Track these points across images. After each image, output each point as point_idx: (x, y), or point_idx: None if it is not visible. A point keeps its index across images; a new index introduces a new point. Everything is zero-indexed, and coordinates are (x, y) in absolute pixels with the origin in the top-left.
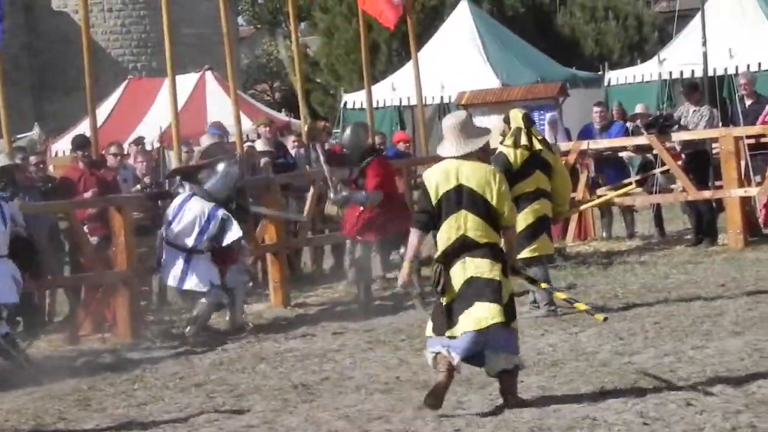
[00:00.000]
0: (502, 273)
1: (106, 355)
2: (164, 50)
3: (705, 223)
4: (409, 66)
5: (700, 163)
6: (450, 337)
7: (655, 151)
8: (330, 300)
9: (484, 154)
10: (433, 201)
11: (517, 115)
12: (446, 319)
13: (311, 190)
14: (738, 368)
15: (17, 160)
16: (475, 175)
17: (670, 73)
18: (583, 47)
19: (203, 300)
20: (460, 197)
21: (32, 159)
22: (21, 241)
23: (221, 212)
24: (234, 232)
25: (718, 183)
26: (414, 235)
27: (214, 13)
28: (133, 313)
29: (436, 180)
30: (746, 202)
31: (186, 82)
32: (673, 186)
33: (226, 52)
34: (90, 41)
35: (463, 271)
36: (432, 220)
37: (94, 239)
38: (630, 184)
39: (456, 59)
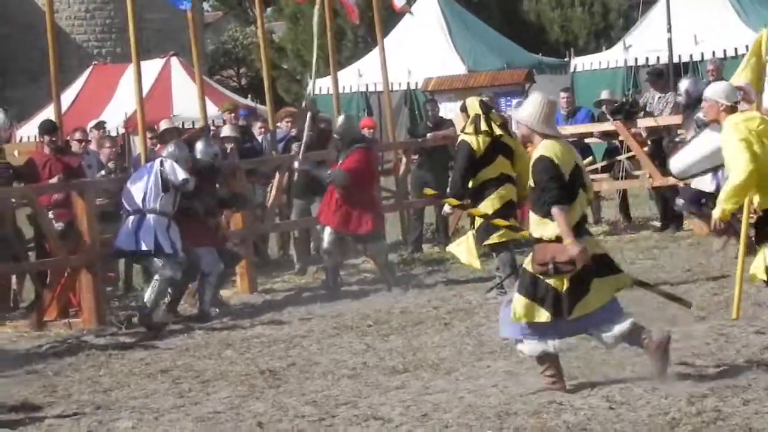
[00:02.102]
0: None
1: (72, 340)
2: (129, 36)
3: (671, 209)
4: (375, 52)
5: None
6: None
7: (620, 138)
8: (297, 285)
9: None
10: (566, 177)
11: (473, 103)
12: (577, 296)
13: (277, 176)
14: (703, 353)
15: None
16: (577, 154)
17: (636, 59)
18: (549, 33)
19: (156, 278)
20: (580, 175)
21: None
22: None
23: (157, 163)
24: (179, 173)
25: None
26: (564, 212)
27: None
28: (98, 298)
29: (564, 158)
30: None
31: (151, 67)
32: (638, 172)
33: (192, 38)
34: (54, 27)
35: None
36: (564, 195)
37: (59, 225)
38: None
39: (422, 45)
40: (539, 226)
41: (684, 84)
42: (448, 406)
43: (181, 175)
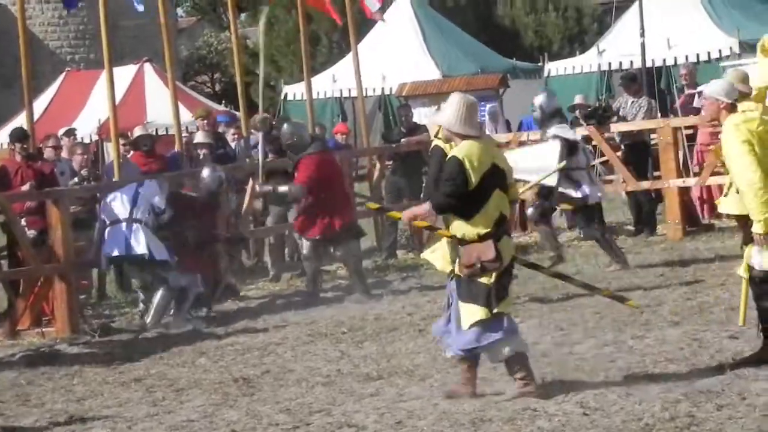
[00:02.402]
0: None
1: (45, 349)
2: (102, 42)
3: (644, 213)
4: (349, 57)
5: (639, 154)
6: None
7: (594, 142)
8: (271, 293)
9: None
10: (474, 181)
11: None
12: (501, 294)
13: (251, 182)
14: (677, 358)
15: None
16: (500, 155)
17: (609, 64)
18: (523, 38)
19: (161, 289)
20: (497, 177)
21: None
22: None
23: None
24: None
25: (656, 173)
26: (431, 214)
27: (152, 4)
28: (72, 307)
29: (479, 158)
30: (685, 193)
31: (124, 73)
32: (612, 177)
33: (165, 44)
34: (27, 33)
35: (507, 249)
36: (458, 204)
37: (32, 232)
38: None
39: (397, 51)
40: (459, 227)
41: (538, 99)
42: (423, 413)
43: (159, 201)
